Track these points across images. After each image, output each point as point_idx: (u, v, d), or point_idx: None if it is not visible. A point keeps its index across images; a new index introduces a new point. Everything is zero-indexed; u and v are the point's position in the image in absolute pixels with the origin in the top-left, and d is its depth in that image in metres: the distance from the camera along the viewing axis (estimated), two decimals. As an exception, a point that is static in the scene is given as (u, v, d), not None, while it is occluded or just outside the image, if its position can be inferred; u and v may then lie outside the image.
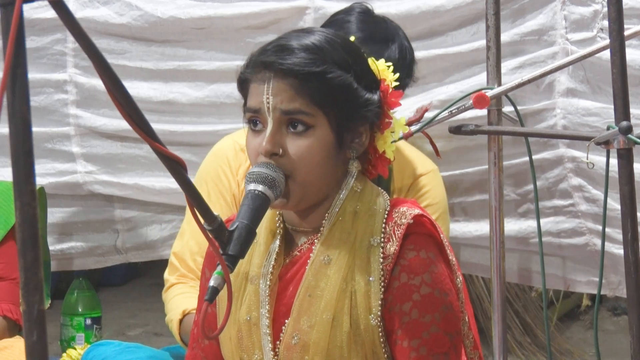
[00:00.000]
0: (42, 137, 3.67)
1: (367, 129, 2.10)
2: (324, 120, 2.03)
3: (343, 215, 2.08)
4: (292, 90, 2.01)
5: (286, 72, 2.01)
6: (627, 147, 2.56)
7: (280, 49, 2.03)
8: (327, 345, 2.04)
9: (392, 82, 2.14)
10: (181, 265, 3.06)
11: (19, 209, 1.33)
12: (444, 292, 2.06)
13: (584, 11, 3.21)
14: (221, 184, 3.07)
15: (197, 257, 3.04)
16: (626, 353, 2.61)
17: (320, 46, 2.04)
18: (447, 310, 2.05)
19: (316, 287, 2.06)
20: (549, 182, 3.37)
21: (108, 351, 2.92)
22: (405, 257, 2.05)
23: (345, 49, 2.07)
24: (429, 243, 2.07)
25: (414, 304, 2.04)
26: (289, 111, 2.02)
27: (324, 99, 2.02)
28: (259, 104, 2.03)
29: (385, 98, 2.11)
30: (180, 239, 3.09)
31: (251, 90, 2.06)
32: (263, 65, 2.03)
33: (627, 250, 2.53)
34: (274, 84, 2.02)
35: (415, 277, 2.04)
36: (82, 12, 3.59)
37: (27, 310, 1.34)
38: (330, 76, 2.02)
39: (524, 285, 5.25)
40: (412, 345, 2.03)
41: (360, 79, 2.06)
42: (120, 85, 1.46)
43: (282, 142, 2.03)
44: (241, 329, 2.12)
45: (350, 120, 2.06)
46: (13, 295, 3.27)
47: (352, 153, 2.09)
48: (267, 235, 2.13)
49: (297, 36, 2.06)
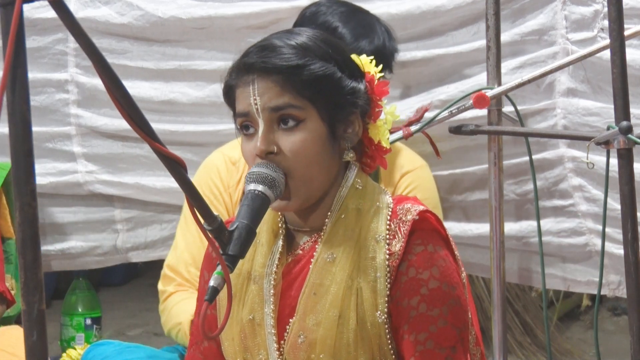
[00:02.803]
0: (42, 137, 3.67)
1: (358, 118, 2.11)
2: (314, 112, 2.04)
3: (346, 213, 2.09)
4: (277, 87, 2.02)
5: (270, 69, 2.02)
6: (627, 147, 2.56)
7: (261, 49, 2.05)
8: (334, 343, 2.04)
9: (376, 74, 2.15)
10: (177, 277, 3.07)
11: (19, 209, 1.33)
12: (451, 286, 2.06)
13: (584, 11, 3.21)
14: (213, 197, 3.09)
15: (191, 268, 3.06)
16: (626, 353, 2.61)
17: (301, 43, 2.06)
18: (455, 304, 2.06)
19: (321, 285, 2.06)
20: (549, 182, 3.37)
21: (108, 351, 2.92)
22: (412, 252, 2.05)
23: (326, 42, 2.10)
24: (435, 238, 2.08)
25: (422, 297, 2.04)
26: (278, 107, 2.03)
27: (311, 91, 2.03)
28: (248, 107, 2.04)
29: (372, 87, 2.13)
30: (174, 251, 3.12)
31: (238, 95, 2.07)
32: (246, 67, 2.05)
33: (627, 250, 2.54)
34: (259, 84, 2.03)
35: (423, 271, 2.05)
36: (84, 12, 3.59)
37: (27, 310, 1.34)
38: (312, 67, 2.03)
39: (524, 285, 5.25)
40: (419, 339, 2.04)
41: (343, 68, 2.08)
42: (120, 85, 1.47)
43: (276, 140, 2.03)
44: (244, 329, 2.12)
45: (340, 109, 2.07)
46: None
47: (347, 144, 2.10)
48: (270, 235, 2.14)
49: (279, 36, 2.09)
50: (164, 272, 3.13)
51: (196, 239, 3.08)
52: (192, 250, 3.07)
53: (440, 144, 3.18)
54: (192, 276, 3.05)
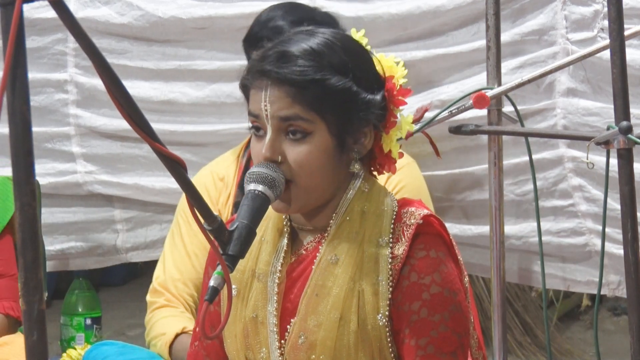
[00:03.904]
0: (42, 137, 3.67)
1: (371, 130, 2.09)
2: (323, 126, 2.03)
3: (351, 215, 2.09)
4: (289, 98, 2.01)
5: (283, 80, 2.01)
6: (627, 147, 2.56)
7: (278, 55, 2.03)
8: (334, 345, 2.04)
9: (399, 79, 2.13)
10: (165, 292, 3.10)
11: (19, 209, 1.33)
12: (453, 292, 2.06)
13: (584, 11, 3.21)
14: None
15: (179, 284, 3.10)
16: (626, 353, 2.61)
17: (318, 50, 2.03)
18: (456, 309, 2.06)
19: (323, 286, 2.06)
20: (549, 182, 3.36)
21: (109, 351, 2.92)
22: (415, 257, 2.05)
23: (346, 51, 2.07)
24: (439, 243, 2.08)
25: (423, 303, 2.04)
26: (287, 117, 2.02)
27: (322, 105, 2.02)
28: (258, 111, 2.04)
29: (391, 97, 2.11)
30: (162, 266, 3.15)
31: (251, 95, 2.07)
32: (260, 73, 2.04)
33: (627, 250, 2.53)
34: (271, 92, 2.02)
35: (425, 276, 2.05)
36: (83, 12, 3.59)
37: (27, 310, 1.34)
38: (327, 82, 2.02)
39: (524, 285, 5.25)
40: (420, 344, 2.03)
41: (360, 80, 2.06)
42: (120, 85, 1.46)
43: (282, 149, 2.03)
44: (247, 327, 2.12)
45: (351, 123, 2.06)
46: (13, 292, 3.26)
47: (355, 155, 2.09)
48: (275, 233, 2.14)
49: (297, 40, 2.06)
50: (153, 286, 3.16)
51: (183, 256, 3.12)
52: (180, 267, 3.11)
53: (440, 144, 3.17)
54: (180, 292, 3.10)
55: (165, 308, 3.09)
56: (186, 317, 3.06)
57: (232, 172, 3.15)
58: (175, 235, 3.16)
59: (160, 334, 3.03)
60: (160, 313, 3.09)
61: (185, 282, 3.11)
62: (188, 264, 3.11)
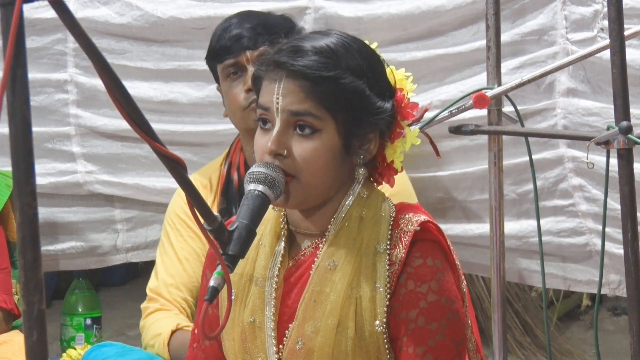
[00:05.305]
0: (42, 137, 3.67)
1: (376, 136, 2.09)
2: (332, 125, 2.03)
3: (349, 221, 2.08)
4: (302, 92, 2.01)
5: (297, 73, 2.01)
6: (627, 147, 2.56)
7: (294, 49, 2.03)
8: (332, 351, 2.04)
9: (408, 92, 2.13)
10: (160, 298, 3.11)
11: (19, 209, 1.33)
12: (450, 300, 2.06)
13: (584, 11, 3.21)
14: (190, 221, 3.10)
15: (172, 289, 3.12)
16: (626, 353, 2.61)
17: (334, 49, 2.04)
18: (453, 318, 2.06)
19: (321, 292, 2.06)
20: (549, 182, 3.36)
21: (108, 352, 2.92)
22: (412, 265, 2.05)
23: (362, 54, 2.07)
24: (436, 250, 2.08)
25: (420, 311, 2.04)
26: (298, 112, 2.02)
27: (334, 103, 2.02)
28: (269, 103, 2.04)
29: (399, 108, 2.11)
30: (155, 275, 3.18)
31: (263, 87, 2.07)
32: (275, 64, 2.03)
33: (627, 250, 2.53)
34: (285, 84, 2.02)
35: (422, 284, 2.05)
36: (83, 12, 3.59)
37: (27, 310, 1.34)
38: (342, 81, 2.02)
39: (524, 285, 5.25)
40: (418, 352, 2.04)
41: (373, 85, 2.06)
42: (120, 85, 1.46)
43: (288, 144, 2.03)
44: (245, 331, 2.12)
45: (359, 126, 2.06)
46: (5, 285, 3.26)
47: (359, 160, 2.09)
48: (272, 237, 2.14)
49: (313, 38, 2.07)
50: (148, 295, 3.17)
51: (174, 261, 3.14)
52: (172, 272, 3.13)
53: (440, 144, 3.17)
54: (174, 296, 3.11)
55: (158, 312, 3.11)
56: (180, 316, 3.07)
57: (215, 180, 3.17)
58: (165, 243, 3.18)
59: (156, 334, 3.04)
60: (153, 317, 3.11)
61: (178, 286, 3.12)
62: (180, 268, 3.12)
